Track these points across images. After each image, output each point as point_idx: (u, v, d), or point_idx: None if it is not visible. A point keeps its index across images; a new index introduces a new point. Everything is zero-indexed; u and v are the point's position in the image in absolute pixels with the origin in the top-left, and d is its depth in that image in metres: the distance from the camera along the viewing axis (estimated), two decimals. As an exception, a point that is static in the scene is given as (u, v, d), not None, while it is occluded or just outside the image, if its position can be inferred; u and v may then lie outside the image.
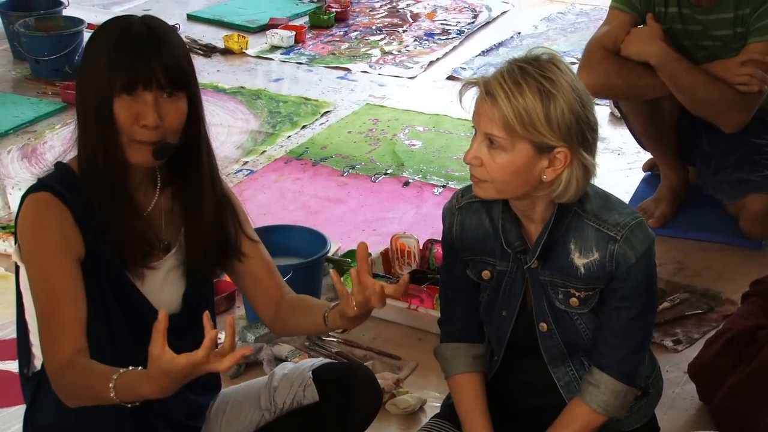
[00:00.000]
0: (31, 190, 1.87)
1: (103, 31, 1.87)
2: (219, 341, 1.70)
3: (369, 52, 4.95)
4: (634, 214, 1.95)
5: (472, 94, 1.90)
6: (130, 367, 1.72)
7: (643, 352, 2.02)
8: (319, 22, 5.23)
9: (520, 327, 2.03)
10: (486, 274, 2.03)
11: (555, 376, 2.04)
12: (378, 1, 5.57)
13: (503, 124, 1.83)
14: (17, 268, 1.92)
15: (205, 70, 4.67)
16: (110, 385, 1.70)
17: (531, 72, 1.83)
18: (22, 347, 1.97)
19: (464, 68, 4.74)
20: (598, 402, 1.98)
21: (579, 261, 1.93)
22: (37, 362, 1.94)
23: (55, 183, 1.86)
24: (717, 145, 3.31)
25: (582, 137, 1.86)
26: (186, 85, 1.85)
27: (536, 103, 1.82)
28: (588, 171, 1.89)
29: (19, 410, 2.32)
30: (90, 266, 1.85)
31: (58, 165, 1.91)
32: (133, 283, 1.90)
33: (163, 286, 1.95)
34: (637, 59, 3.12)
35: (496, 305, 2.04)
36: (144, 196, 1.93)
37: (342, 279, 2.88)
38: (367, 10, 5.47)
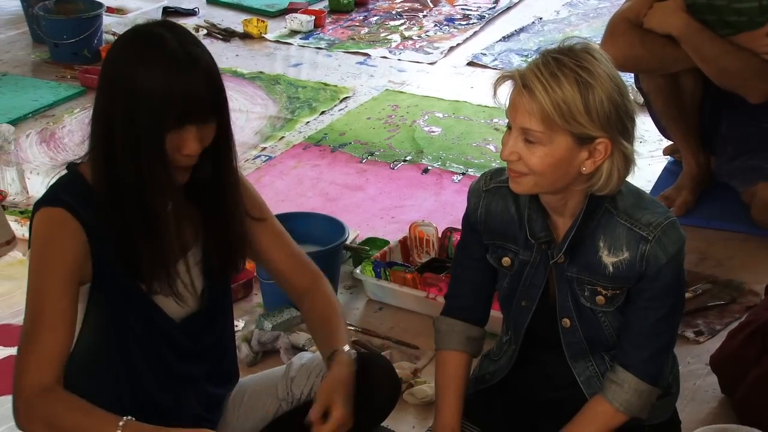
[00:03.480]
0: (44, 203, 1.83)
1: (142, 54, 1.76)
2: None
3: (389, 37, 4.92)
4: (667, 214, 1.92)
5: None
6: (132, 419, 1.72)
7: (669, 352, 2.00)
8: (339, 6, 5.21)
9: (541, 319, 2.00)
10: (506, 261, 2.01)
11: (575, 371, 2.02)
12: (398, -14, 5.54)
13: (542, 117, 1.80)
14: None
15: (224, 55, 4.65)
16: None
17: (567, 63, 1.80)
18: None
19: (485, 54, 4.70)
20: (621, 401, 1.95)
21: (608, 259, 1.91)
22: None
23: (69, 196, 1.81)
24: (736, 129, 3.28)
25: (622, 126, 1.84)
26: (220, 113, 1.84)
27: (575, 93, 1.79)
28: (628, 161, 1.86)
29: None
30: (101, 279, 1.82)
31: (71, 170, 1.87)
32: (146, 293, 1.87)
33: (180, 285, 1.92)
34: (660, 32, 3.10)
35: (515, 295, 2.01)
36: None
37: (361, 267, 2.92)
38: (387, -5, 5.44)
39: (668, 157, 3.70)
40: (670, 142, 3.62)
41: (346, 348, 1.96)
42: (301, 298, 2.07)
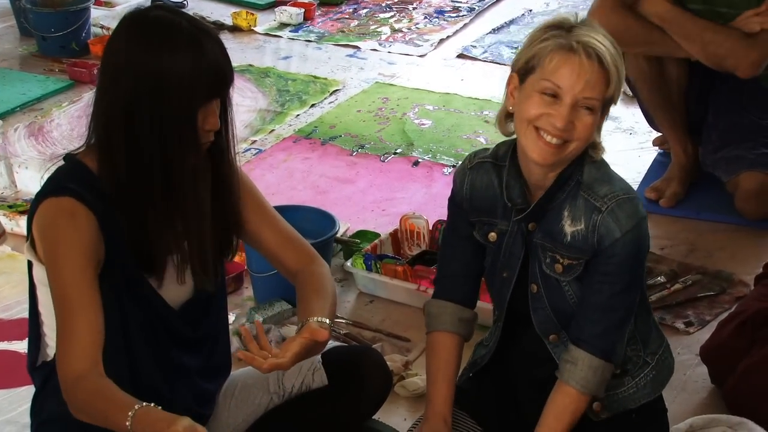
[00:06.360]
0: (49, 193, 1.81)
1: (159, 39, 1.79)
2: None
3: (379, 29, 4.91)
4: (628, 190, 1.95)
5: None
6: (152, 404, 1.70)
7: (623, 329, 1.99)
8: (329, -1, 5.20)
9: (521, 296, 2.01)
10: (492, 236, 2.02)
11: (555, 356, 2.01)
12: (387, -22, 5.53)
13: (606, 84, 1.87)
14: (30, 263, 1.89)
15: (213, 48, 4.63)
16: (127, 422, 1.68)
17: (605, 33, 1.89)
18: (33, 335, 1.95)
19: (475, 46, 4.70)
20: (577, 379, 1.95)
21: (568, 228, 1.93)
22: (50, 351, 1.92)
23: (75, 185, 1.80)
24: (722, 116, 3.30)
25: None
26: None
27: (622, 61, 1.90)
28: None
29: (26, 391, 2.32)
30: (109, 268, 1.82)
31: (71, 160, 1.86)
32: (149, 282, 1.88)
33: (176, 276, 1.92)
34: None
35: (497, 266, 2.02)
36: None
37: (352, 260, 2.92)
38: (377, -13, 5.42)
39: (657, 149, 3.71)
40: (659, 134, 3.63)
41: (315, 318, 1.89)
42: (293, 278, 2.04)
